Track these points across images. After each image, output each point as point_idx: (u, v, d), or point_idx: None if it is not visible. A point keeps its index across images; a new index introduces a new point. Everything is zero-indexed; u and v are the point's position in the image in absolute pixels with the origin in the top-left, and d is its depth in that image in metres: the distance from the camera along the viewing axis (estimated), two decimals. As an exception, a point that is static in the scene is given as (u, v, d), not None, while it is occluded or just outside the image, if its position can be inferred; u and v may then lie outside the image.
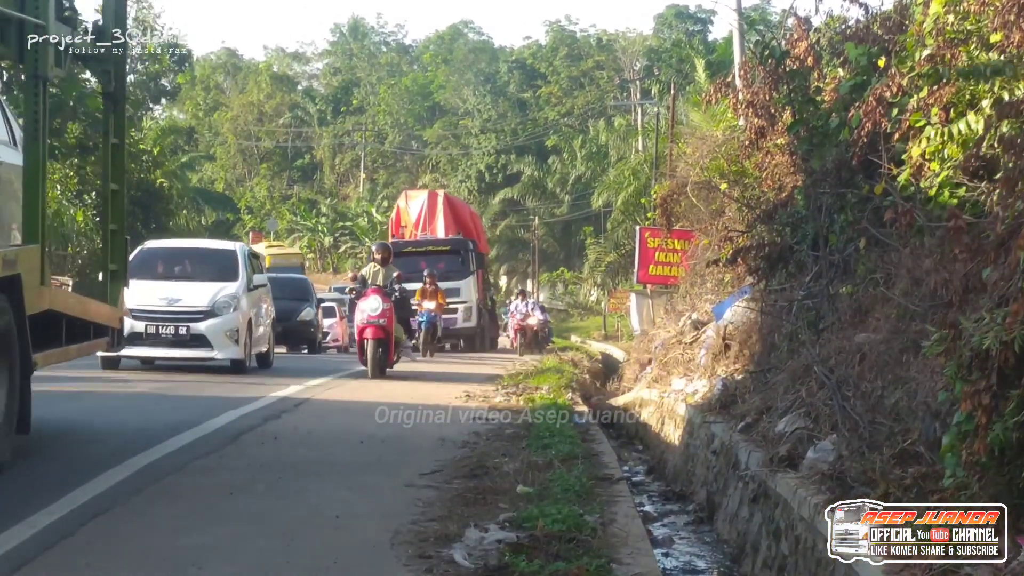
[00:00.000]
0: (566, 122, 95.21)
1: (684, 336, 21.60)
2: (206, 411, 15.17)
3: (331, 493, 10.34)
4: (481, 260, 44.06)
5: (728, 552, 12.24)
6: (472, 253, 42.88)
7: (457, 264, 42.01)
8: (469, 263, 42.40)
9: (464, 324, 41.50)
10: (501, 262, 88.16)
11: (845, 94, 13.15)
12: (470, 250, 42.93)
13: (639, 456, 19.64)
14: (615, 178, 63.79)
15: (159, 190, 48.29)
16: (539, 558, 7.94)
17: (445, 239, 43.49)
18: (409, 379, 21.71)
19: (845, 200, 12.80)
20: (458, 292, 41.02)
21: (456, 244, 43.01)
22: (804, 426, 11.23)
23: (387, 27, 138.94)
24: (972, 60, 9.26)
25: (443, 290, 38.86)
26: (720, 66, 53.24)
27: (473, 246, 43.61)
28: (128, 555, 8.11)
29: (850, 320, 12.13)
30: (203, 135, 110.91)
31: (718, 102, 17.62)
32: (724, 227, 17.62)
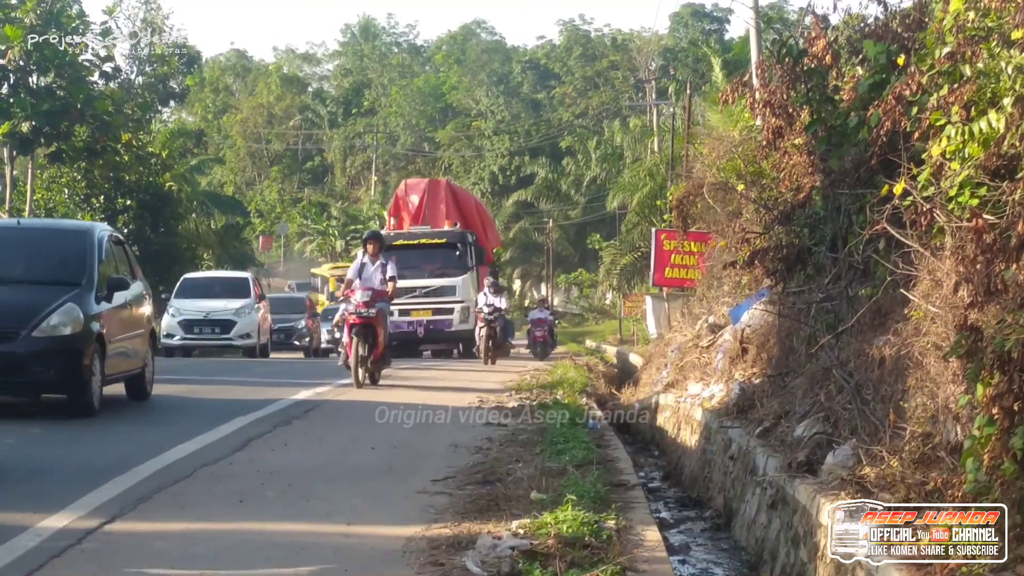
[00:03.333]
0: (580, 123, 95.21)
1: (701, 340, 21.46)
2: (217, 416, 15.08)
3: (342, 500, 10.23)
4: (482, 255, 39.39)
5: (746, 559, 12.10)
6: (471, 247, 38.46)
7: (454, 259, 37.94)
8: (467, 258, 38.03)
9: (460, 327, 37.19)
10: (515, 265, 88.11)
11: (864, 93, 13.02)
12: (469, 243, 38.54)
13: (655, 462, 19.50)
14: (630, 179, 63.56)
15: (168, 193, 48.18)
16: (553, 565, 7.83)
17: (441, 231, 39.30)
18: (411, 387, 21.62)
19: (864, 200, 12.65)
20: (453, 291, 37.34)
21: (453, 237, 38.58)
22: (823, 431, 11.10)
23: (398, 27, 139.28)
24: (993, 57, 9.11)
25: (436, 288, 36.59)
26: (737, 65, 52.99)
27: (473, 239, 39.20)
28: (136, 563, 8.02)
29: (869, 323, 11.99)
30: (212, 138, 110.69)
31: (735, 102, 17.46)
32: (741, 229, 17.42)
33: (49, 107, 39.41)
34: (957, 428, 8.86)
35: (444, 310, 36.84)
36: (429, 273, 37.20)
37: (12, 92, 40.18)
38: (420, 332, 36.92)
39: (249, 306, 35.48)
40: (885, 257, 11.64)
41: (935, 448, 9.04)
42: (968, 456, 7.48)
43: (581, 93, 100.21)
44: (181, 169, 55.13)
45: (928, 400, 9.46)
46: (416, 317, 36.87)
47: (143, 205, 45.82)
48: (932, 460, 8.95)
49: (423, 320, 36.91)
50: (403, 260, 37.20)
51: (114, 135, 43.26)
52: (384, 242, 21.70)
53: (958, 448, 8.50)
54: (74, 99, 40.36)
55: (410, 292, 36.10)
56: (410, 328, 36.59)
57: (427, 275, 37.05)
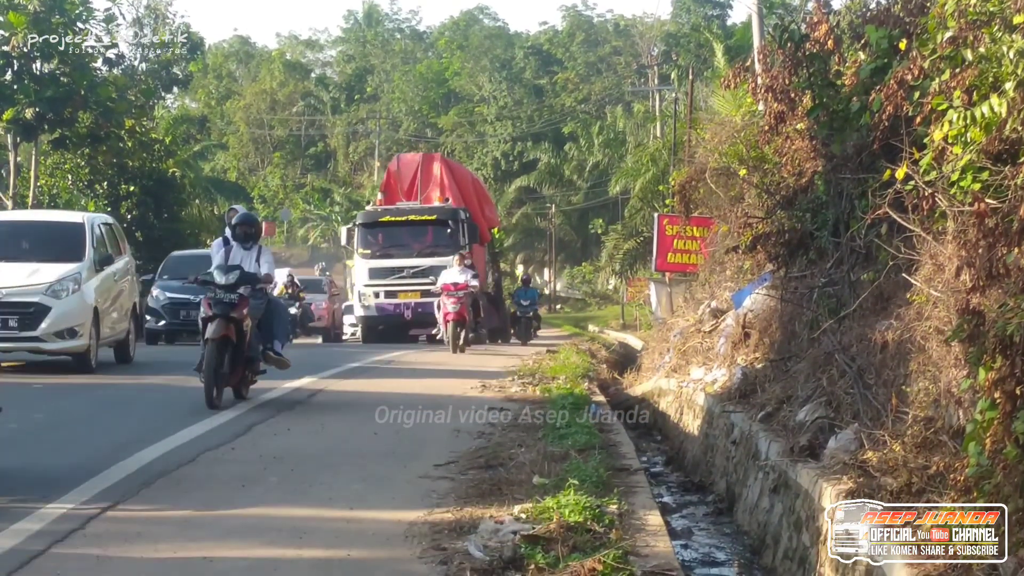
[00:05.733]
0: (583, 108, 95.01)
1: (703, 324, 21.45)
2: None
3: (344, 485, 10.24)
4: (476, 233, 36.96)
5: (748, 543, 12.12)
6: (464, 224, 35.96)
7: (445, 237, 35.32)
8: (459, 236, 35.25)
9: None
10: (517, 251, 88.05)
11: (866, 78, 13.00)
12: (461, 220, 35.98)
13: (657, 446, 19.51)
14: (633, 165, 63.55)
15: (171, 179, 48.07)
16: (555, 550, 7.83)
17: (431, 207, 36.91)
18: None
19: (866, 185, 12.63)
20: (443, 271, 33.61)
21: (444, 213, 36.13)
22: (825, 415, 11.11)
23: (401, 13, 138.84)
24: (995, 42, 9.10)
25: (426, 268, 34.25)
26: (739, 50, 52.90)
27: (467, 216, 36.78)
28: (138, 548, 8.02)
29: (871, 307, 11.99)
30: (215, 124, 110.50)
31: (737, 87, 17.45)
32: (743, 214, 17.40)
33: (53, 94, 39.34)
34: (959, 412, 8.86)
35: (434, 292, 33.19)
36: (418, 252, 35.68)
37: (16, 79, 40.11)
38: (407, 315, 35.28)
39: None
40: (887, 242, 11.63)
41: (937, 432, 9.04)
42: (970, 440, 7.47)
43: (583, 79, 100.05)
44: (184, 155, 55.01)
45: (930, 384, 9.46)
46: (403, 299, 35.44)
47: (146, 191, 45.70)
48: (934, 444, 8.96)
49: (411, 303, 35.23)
50: (390, 238, 36.04)
51: (117, 121, 43.17)
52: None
53: (960, 432, 8.50)
54: (78, 86, 40.27)
55: (398, 272, 35.19)
56: (396, 311, 35.49)
57: (415, 254, 35.68)
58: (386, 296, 35.21)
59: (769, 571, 11.01)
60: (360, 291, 36.59)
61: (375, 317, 36.23)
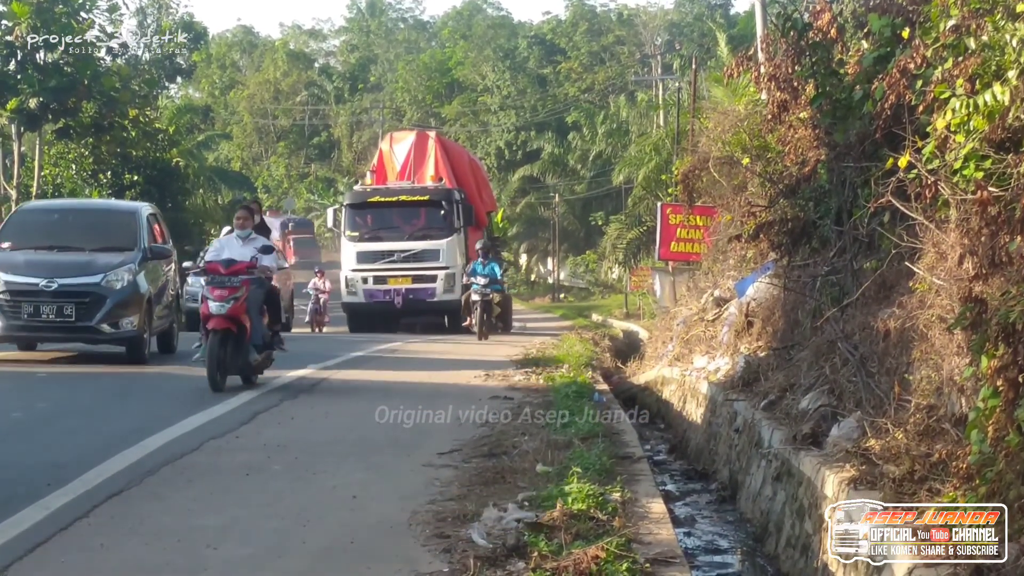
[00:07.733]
0: (586, 98, 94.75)
1: (706, 313, 21.45)
2: (225, 389, 15.04)
3: (348, 474, 10.26)
4: (471, 215, 34.83)
5: (751, 531, 12.13)
6: (459, 205, 34.03)
7: (438, 219, 33.95)
8: (453, 218, 33.78)
9: (444, 296, 33.18)
10: (521, 240, 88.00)
11: (868, 66, 12.99)
12: (456, 201, 34.09)
13: (661, 435, 19.52)
14: (636, 154, 63.35)
15: (175, 169, 48.06)
16: (559, 537, 7.85)
17: (423, 187, 34.71)
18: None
19: (869, 174, 12.63)
20: (436, 255, 33.51)
21: (437, 194, 34.19)
22: (828, 403, 11.13)
23: (404, 3, 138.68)
24: (998, 30, 9.09)
25: (418, 252, 33.08)
26: (742, 40, 52.85)
27: (462, 197, 34.71)
28: (142, 535, 8.06)
29: (874, 295, 11.99)
30: (219, 114, 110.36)
31: (740, 76, 17.43)
32: (746, 202, 17.37)
33: (56, 83, 39.29)
34: (962, 400, 8.87)
35: (426, 277, 33.32)
36: (409, 235, 34.00)
37: (19, 68, 40.04)
38: (398, 302, 33.62)
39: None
40: (890, 230, 11.64)
41: (940, 420, 9.06)
42: (973, 428, 7.48)
43: (587, 68, 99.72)
44: (188, 145, 55.02)
45: (933, 372, 9.48)
46: (393, 285, 33.68)
47: (150, 181, 45.67)
48: (937, 432, 8.97)
49: (401, 289, 33.58)
50: (380, 220, 34.14)
51: (121, 111, 43.13)
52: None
53: (963, 420, 8.52)
54: (81, 75, 40.22)
55: (387, 256, 33.63)
56: (386, 298, 33.68)
57: (407, 237, 33.94)
58: (375, 282, 33.56)
59: (772, 559, 11.03)
60: (347, 276, 34.30)
61: (363, 304, 34.16)
